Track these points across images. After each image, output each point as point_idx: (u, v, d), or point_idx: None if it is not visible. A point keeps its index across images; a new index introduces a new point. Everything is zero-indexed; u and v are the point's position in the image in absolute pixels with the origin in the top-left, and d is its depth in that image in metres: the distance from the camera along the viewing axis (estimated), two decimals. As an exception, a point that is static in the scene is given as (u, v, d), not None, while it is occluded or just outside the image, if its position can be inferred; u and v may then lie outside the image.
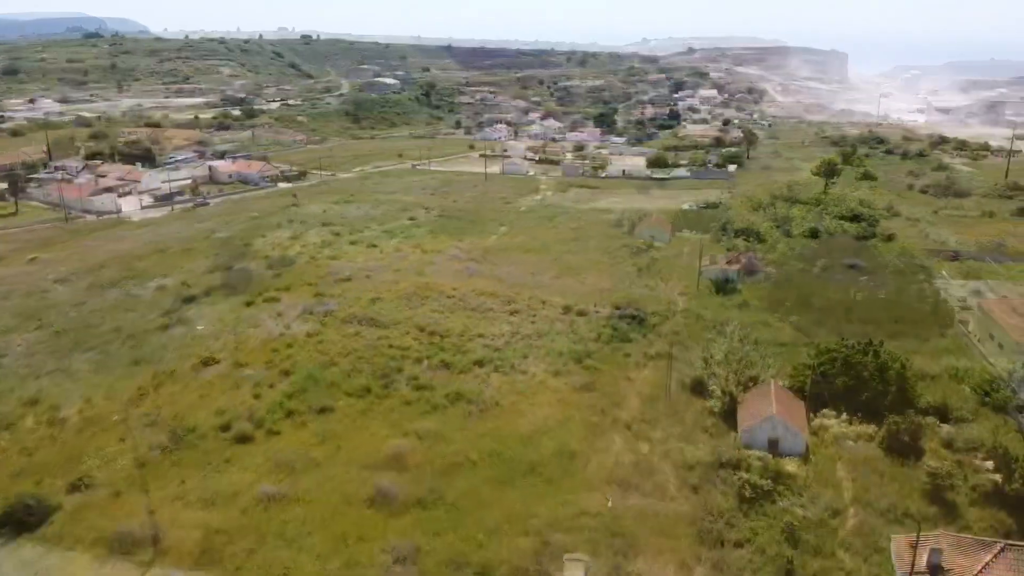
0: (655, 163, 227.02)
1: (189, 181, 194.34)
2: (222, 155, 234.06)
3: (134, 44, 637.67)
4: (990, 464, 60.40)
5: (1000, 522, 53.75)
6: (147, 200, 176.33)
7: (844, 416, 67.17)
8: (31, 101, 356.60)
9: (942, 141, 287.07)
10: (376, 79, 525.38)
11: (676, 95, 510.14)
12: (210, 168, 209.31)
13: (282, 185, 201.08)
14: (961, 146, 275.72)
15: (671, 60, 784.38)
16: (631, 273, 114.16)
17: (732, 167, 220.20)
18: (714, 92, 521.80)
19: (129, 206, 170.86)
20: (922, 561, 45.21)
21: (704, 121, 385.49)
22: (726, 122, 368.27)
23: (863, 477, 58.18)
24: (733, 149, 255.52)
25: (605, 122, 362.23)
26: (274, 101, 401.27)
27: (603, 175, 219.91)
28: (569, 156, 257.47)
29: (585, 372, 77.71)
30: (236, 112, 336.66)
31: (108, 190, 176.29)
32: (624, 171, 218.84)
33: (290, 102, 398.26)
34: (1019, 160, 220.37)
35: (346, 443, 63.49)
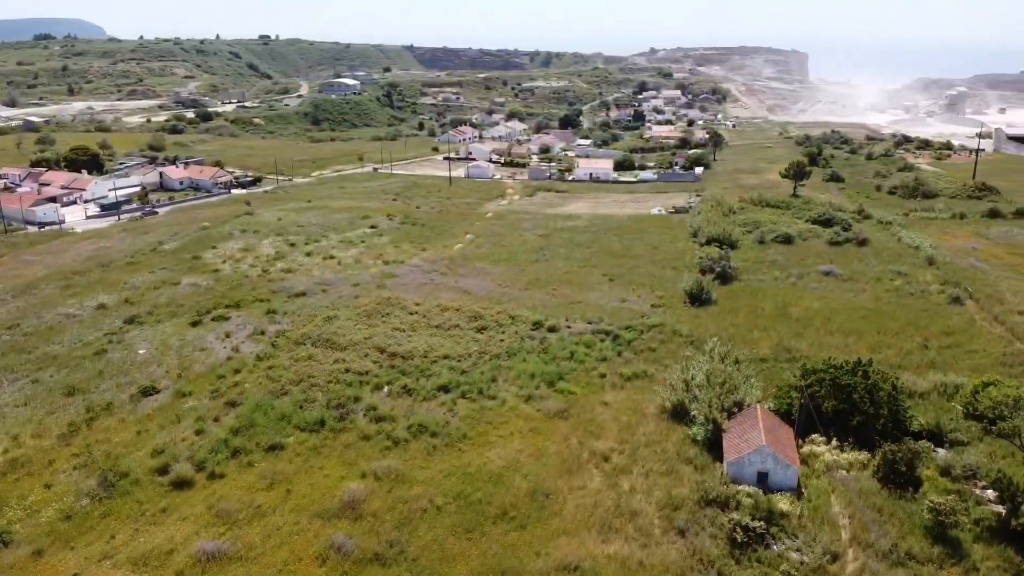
0: (622, 165, 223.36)
1: (138, 188, 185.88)
2: (174, 160, 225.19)
3: (87, 46, 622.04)
4: (991, 494, 56.54)
5: (1008, 560, 49.60)
6: (93, 209, 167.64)
7: (834, 442, 62.82)
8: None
9: (905, 140, 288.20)
10: (336, 79, 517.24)
11: (640, 96, 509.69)
12: (161, 174, 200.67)
13: (236, 192, 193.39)
14: (924, 145, 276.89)
15: (634, 60, 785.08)
16: (602, 283, 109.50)
17: (699, 169, 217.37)
18: (678, 93, 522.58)
19: (73, 216, 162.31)
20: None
21: (669, 122, 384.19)
22: (691, 123, 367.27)
23: (860, 513, 53.65)
24: (699, 151, 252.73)
25: (571, 123, 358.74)
26: (230, 103, 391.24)
27: (570, 178, 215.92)
28: (535, 159, 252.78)
29: (558, 396, 72.38)
30: (190, 115, 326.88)
31: (52, 199, 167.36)
32: (591, 174, 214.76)
33: (247, 104, 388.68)
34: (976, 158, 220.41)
35: (296, 487, 57.32)
